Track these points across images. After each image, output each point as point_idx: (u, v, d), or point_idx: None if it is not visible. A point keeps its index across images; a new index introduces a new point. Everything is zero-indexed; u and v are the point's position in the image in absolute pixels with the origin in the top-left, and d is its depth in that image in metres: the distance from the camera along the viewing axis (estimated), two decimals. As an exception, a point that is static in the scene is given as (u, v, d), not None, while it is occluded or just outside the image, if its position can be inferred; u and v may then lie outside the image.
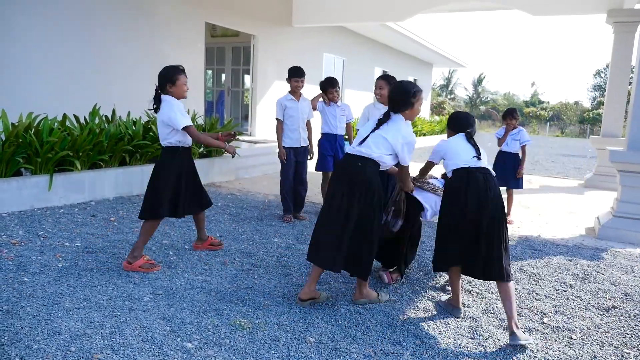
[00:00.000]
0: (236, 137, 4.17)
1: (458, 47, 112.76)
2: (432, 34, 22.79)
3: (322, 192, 5.85)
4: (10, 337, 2.60)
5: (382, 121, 3.24)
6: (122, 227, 4.82)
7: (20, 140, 5.19)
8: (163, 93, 3.69)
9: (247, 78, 12.26)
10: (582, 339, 2.99)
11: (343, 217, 3.11)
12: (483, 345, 2.85)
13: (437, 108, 35.64)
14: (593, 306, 3.50)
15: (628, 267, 4.40)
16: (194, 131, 3.71)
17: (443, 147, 3.42)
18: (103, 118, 6.49)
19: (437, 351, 2.75)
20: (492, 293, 3.64)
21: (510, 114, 5.98)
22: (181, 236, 4.66)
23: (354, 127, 6.56)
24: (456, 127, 3.51)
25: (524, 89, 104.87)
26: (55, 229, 4.59)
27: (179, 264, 3.89)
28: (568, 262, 4.48)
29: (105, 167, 6.09)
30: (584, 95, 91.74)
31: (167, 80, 3.65)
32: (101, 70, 7.29)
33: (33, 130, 5.38)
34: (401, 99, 3.23)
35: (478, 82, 50.90)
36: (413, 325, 3.05)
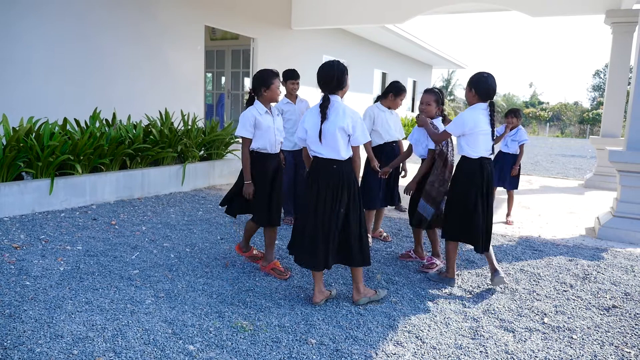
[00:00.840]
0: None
1: (457, 49, 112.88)
2: (432, 36, 22.83)
3: None
4: (12, 341, 2.62)
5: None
6: (123, 231, 4.83)
7: (21, 144, 5.21)
8: (257, 96, 3.71)
9: (247, 81, 12.29)
10: (583, 339, 3.00)
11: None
12: (484, 345, 2.86)
13: (437, 109, 35.54)
14: (593, 306, 3.51)
15: (628, 267, 4.41)
16: (245, 143, 3.70)
17: (468, 125, 3.56)
18: (103, 122, 6.51)
19: (438, 352, 2.76)
20: (493, 294, 3.66)
21: (512, 113, 6.00)
22: (182, 239, 4.67)
23: None
24: (483, 92, 3.56)
25: (524, 90, 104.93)
26: (56, 233, 4.60)
27: (180, 267, 3.90)
28: (568, 262, 4.49)
29: (106, 171, 6.10)
30: (584, 95, 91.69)
31: (263, 83, 3.65)
32: (101, 73, 7.31)
33: (34, 134, 5.41)
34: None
35: (478, 83, 50.75)
36: (414, 326, 3.06)
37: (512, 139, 6.00)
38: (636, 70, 5.41)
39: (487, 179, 3.62)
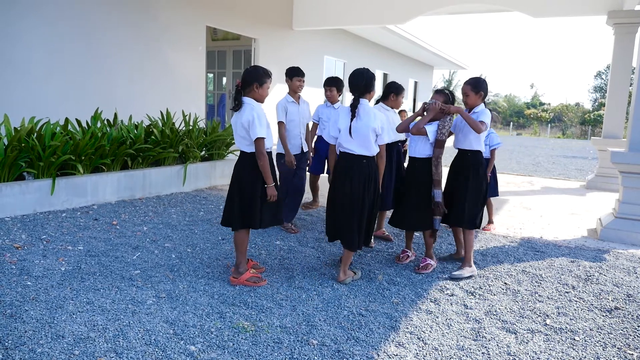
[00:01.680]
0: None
1: (459, 49, 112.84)
2: (433, 36, 22.84)
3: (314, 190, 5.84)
4: (14, 341, 2.61)
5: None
6: (125, 231, 4.83)
7: (22, 144, 5.21)
8: (245, 91, 3.50)
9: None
10: (585, 340, 2.99)
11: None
12: (486, 347, 2.85)
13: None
14: (596, 307, 3.50)
15: (630, 268, 4.40)
16: (261, 144, 3.49)
17: (488, 124, 3.95)
18: (105, 122, 6.51)
19: (440, 353, 2.75)
20: (495, 295, 3.65)
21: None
22: (183, 239, 4.67)
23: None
24: (486, 92, 3.99)
25: (525, 91, 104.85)
26: (57, 233, 4.60)
27: (182, 267, 3.90)
28: (570, 264, 4.48)
29: (107, 171, 6.10)
30: (585, 96, 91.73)
31: (256, 79, 3.47)
32: (103, 74, 7.32)
33: (35, 134, 5.41)
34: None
35: (478, 84, 50.81)
36: (416, 327, 3.06)
37: (485, 143, 5.57)
38: (638, 71, 5.40)
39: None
